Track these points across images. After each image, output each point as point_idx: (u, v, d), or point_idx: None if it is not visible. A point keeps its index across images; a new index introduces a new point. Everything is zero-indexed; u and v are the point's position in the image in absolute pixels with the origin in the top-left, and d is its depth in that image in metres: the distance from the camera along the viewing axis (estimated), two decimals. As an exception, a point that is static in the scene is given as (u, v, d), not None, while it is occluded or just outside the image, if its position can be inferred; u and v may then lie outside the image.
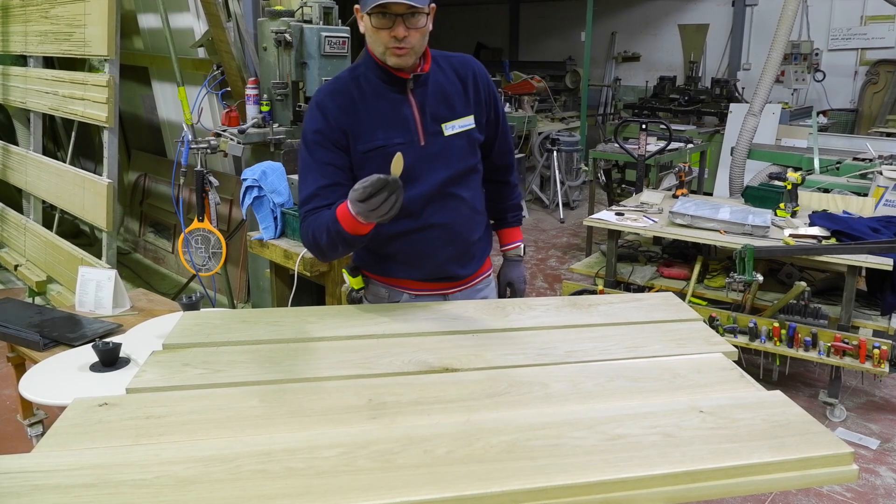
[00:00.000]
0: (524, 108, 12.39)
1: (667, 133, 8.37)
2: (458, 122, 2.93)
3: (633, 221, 5.89)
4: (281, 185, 4.77)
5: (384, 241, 3.01)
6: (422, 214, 2.95)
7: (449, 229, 3.01)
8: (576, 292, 6.19)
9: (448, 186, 2.95)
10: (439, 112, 2.90)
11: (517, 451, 1.93)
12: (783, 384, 5.56)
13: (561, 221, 11.04)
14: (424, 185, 2.90)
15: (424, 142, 2.88)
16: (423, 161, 2.88)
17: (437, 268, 3.09)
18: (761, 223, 5.41)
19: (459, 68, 2.98)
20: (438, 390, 2.31)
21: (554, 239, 10.14)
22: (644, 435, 2.02)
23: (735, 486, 1.90)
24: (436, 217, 2.96)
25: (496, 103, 3.10)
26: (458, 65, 2.99)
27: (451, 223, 3.00)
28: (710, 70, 14.42)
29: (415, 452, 1.92)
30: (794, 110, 11.54)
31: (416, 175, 2.85)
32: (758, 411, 2.16)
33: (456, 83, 2.96)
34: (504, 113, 3.21)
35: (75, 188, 6.42)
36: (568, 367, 2.50)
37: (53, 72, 6.99)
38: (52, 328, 3.96)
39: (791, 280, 5.74)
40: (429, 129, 2.89)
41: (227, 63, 6.12)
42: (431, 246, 3.02)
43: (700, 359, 2.58)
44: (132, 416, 2.13)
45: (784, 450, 1.95)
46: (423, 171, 2.89)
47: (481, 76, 3.02)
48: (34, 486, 1.77)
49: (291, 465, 1.86)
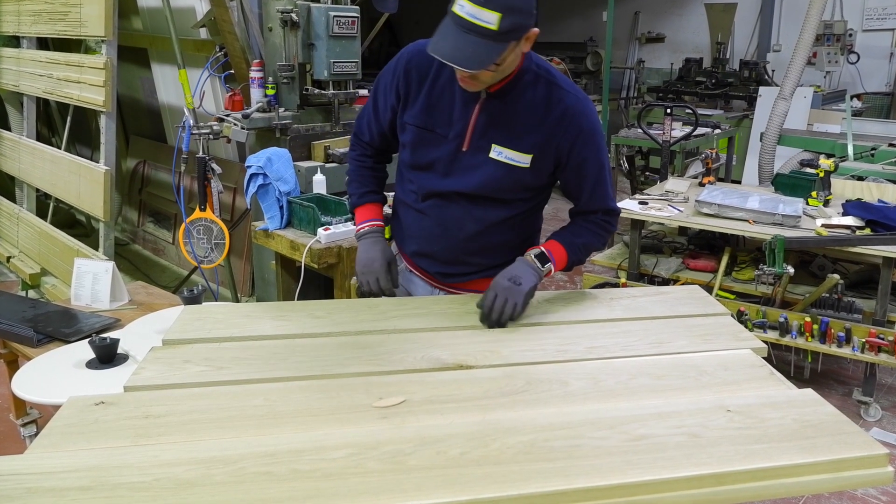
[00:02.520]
0: (542, 92, 12.34)
1: (693, 118, 8.35)
2: (508, 151, 2.86)
3: (658, 211, 5.88)
4: (287, 173, 4.77)
5: (402, 205, 3.21)
6: (433, 206, 3.05)
7: (447, 233, 3.06)
8: (597, 285, 6.18)
9: (468, 201, 2.97)
10: (497, 132, 2.86)
11: (535, 453, 1.92)
12: (815, 382, 5.54)
13: (581, 211, 10.90)
14: (450, 183, 2.96)
15: (468, 148, 2.89)
16: (459, 166, 2.93)
17: (425, 256, 3.16)
18: (792, 213, 5.39)
19: (555, 107, 2.83)
20: (452, 388, 2.31)
21: (573, 229, 10.02)
22: (668, 435, 2.01)
23: (764, 489, 1.89)
24: (442, 215, 3.04)
25: (581, 165, 2.93)
26: (557, 104, 2.83)
27: (451, 230, 3.05)
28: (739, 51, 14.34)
29: (427, 454, 1.92)
30: (826, 94, 11.46)
31: (448, 172, 2.95)
32: (788, 410, 2.15)
33: (538, 116, 2.84)
34: (599, 168, 2.99)
35: (71, 176, 6.44)
36: (588, 363, 2.50)
37: (48, 53, 7.01)
38: (47, 323, 3.97)
39: (823, 272, 5.72)
40: (476, 141, 2.88)
41: (230, 44, 6.12)
42: (427, 234, 3.12)
43: (727, 355, 2.57)
44: (130, 416, 2.13)
45: (816, 451, 1.94)
46: (455, 174, 2.94)
47: (574, 130, 2.85)
48: (27, 489, 1.77)
49: (297, 466, 1.86)
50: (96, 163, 6.20)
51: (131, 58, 8.40)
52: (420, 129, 2.95)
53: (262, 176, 4.72)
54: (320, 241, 4.48)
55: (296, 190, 4.87)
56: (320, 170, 5.32)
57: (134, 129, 9.41)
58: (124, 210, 9.26)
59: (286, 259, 4.86)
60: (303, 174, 5.32)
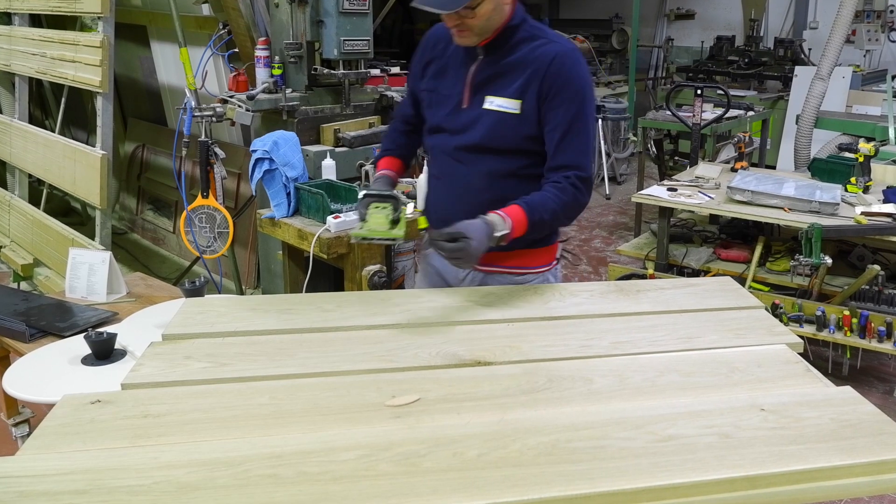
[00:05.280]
0: (565, 72, 12.32)
1: (725, 99, 8.31)
2: (498, 100, 3.09)
3: (687, 198, 5.87)
4: (294, 158, 4.77)
5: (430, 180, 3.46)
6: (445, 167, 3.28)
7: (459, 193, 3.22)
8: (623, 277, 6.19)
9: (474, 156, 3.15)
10: (491, 85, 3.11)
11: (557, 454, 1.92)
12: (854, 379, 5.52)
13: (607, 198, 11.02)
14: (456, 140, 3.18)
15: (468, 105, 3.15)
16: (462, 122, 3.17)
17: (446, 224, 3.14)
18: (830, 200, 5.38)
19: (542, 56, 3.04)
20: (469, 386, 2.31)
21: (599, 217, 10.12)
22: (698, 436, 2.01)
23: (800, 492, 1.88)
24: (453, 174, 3.24)
25: (555, 111, 3.02)
26: (544, 53, 3.04)
27: (462, 189, 3.21)
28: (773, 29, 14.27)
29: (443, 455, 1.92)
30: (866, 74, 11.40)
31: (454, 130, 3.20)
32: (825, 409, 2.15)
33: (525, 65, 3.06)
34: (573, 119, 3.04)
35: (65, 161, 6.45)
36: (614, 360, 2.50)
37: (41, 31, 7.01)
38: (40, 317, 3.99)
39: (863, 263, 5.71)
40: (474, 96, 3.14)
41: (234, 21, 6.11)
42: (443, 198, 3.33)
43: (761, 351, 2.57)
44: (128, 415, 2.14)
45: (855, 452, 1.93)
46: (459, 131, 3.18)
47: (553, 74, 3.01)
48: (19, 493, 1.77)
49: (305, 469, 1.86)
50: (92, 147, 6.19)
51: (129, 36, 8.39)
52: (430, 92, 3.30)
53: (268, 161, 4.72)
54: (330, 229, 4.46)
55: (304, 176, 4.87)
56: (330, 154, 5.31)
57: (132, 112, 9.43)
58: (122, 197, 9.28)
59: (293, 249, 4.86)
60: (311, 159, 5.32)
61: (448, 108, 3.21)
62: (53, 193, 7.89)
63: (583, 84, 3.05)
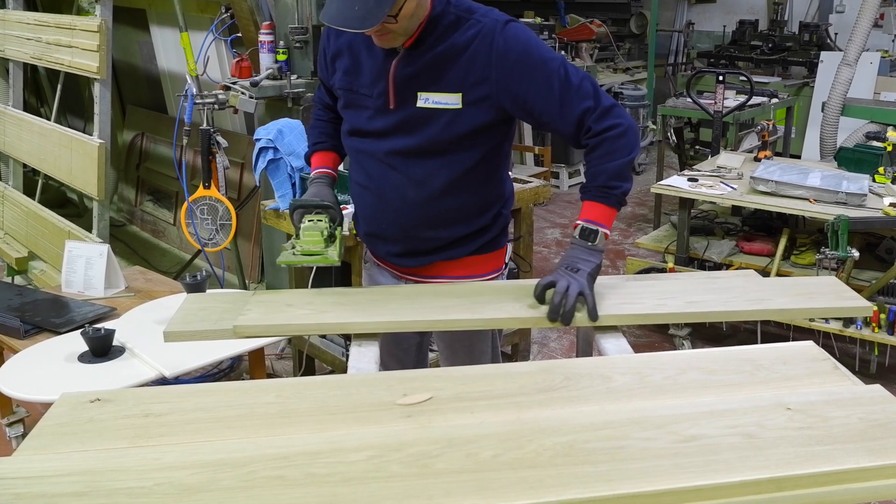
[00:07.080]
0: (582, 57, 12.29)
1: (747, 86, 8.29)
2: (434, 96, 2.88)
3: (709, 188, 5.86)
4: (300, 147, 4.76)
5: (353, 186, 3.21)
6: (373, 173, 3.06)
7: (389, 204, 3.05)
8: (641, 270, 6.18)
9: (406, 162, 2.97)
10: (420, 80, 2.88)
11: (575, 455, 1.92)
12: (882, 377, 5.49)
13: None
14: (384, 145, 2.98)
15: (394, 105, 2.92)
16: (390, 125, 2.95)
17: (375, 237, 3.19)
18: (857, 190, 5.36)
19: (476, 40, 2.84)
20: (483, 384, 2.31)
21: (615, 209, 10.01)
22: (722, 436, 2.01)
23: (827, 494, 1.87)
24: (382, 184, 3.04)
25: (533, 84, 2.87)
26: (476, 35, 2.84)
27: (393, 200, 3.04)
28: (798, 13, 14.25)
29: (456, 456, 1.92)
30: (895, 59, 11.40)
31: (381, 132, 2.98)
32: (854, 409, 2.14)
33: (459, 53, 2.86)
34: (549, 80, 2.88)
35: (61, 149, 6.46)
36: (633, 357, 2.51)
37: (36, 15, 7.02)
38: (35, 312, 4.00)
39: (892, 256, 5.70)
40: (401, 95, 2.91)
41: (237, 4, 6.11)
42: (372, 210, 3.13)
43: (786, 347, 2.57)
44: (128, 414, 2.14)
45: (885, 453, 1.93)
46: (387, 134, 2.97)
47: (499, 58, 2.83)
48: (15, 495, 1.78)
49: (313, 470, 1.86)
50: (89, 135, 6.20)
51: (128, 20, 8.40)
52: (346, 91, 3.05)
53: (273, 150, 4.73)
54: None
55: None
56: (336, 143, 5.28)
57: (131, 99, 9.44)
58: (120, 188, 9.30)
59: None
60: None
61: (370, 110, 2.98)
62: (49, 184, 7.92)
63: (536, 49, 2.87)
